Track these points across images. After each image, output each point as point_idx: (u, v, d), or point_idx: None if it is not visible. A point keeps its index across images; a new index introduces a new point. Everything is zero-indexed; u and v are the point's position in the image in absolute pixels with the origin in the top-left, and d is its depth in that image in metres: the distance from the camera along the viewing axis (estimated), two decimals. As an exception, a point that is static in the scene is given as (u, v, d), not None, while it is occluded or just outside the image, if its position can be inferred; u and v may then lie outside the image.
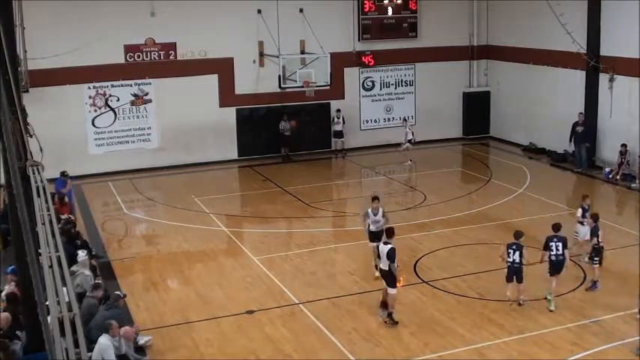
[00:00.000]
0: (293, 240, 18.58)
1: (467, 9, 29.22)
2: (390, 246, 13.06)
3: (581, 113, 24.15)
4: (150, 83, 25.44)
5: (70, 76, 24.11)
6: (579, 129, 23.94)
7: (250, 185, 24.11)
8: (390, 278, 13.12)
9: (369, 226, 15.47)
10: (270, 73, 25.67)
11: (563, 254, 13.52)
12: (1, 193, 16.51)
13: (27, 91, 21.15)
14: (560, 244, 13.53)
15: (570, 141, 24.35)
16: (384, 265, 13.13)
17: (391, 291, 13.15)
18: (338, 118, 27.18)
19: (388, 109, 28.81)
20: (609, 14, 23.39)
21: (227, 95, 26.43)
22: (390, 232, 13.47)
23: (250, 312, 13.92)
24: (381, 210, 15.49)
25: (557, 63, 25.77)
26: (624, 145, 22.52)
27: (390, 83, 28.73)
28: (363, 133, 28.41)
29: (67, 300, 6.20)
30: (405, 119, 26.94)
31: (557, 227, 13.91)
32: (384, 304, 13.31)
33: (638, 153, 22.14)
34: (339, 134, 27.24)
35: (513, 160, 26.42)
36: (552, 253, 13.54)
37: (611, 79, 23.45)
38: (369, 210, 15.52)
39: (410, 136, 25.92)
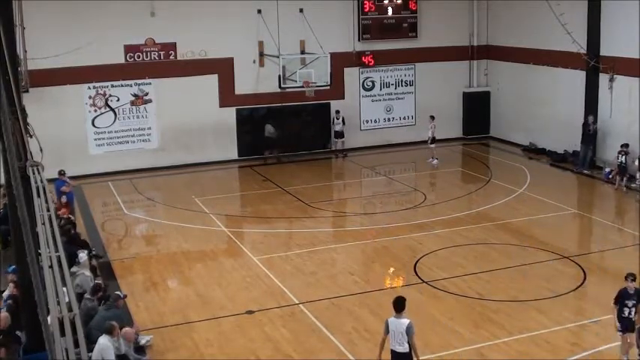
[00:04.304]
0: (293, 240, 18.56)
1: (467, 9, 29.20)
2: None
3: (591, 115, 23.95)
4: (150, 83, 25.43)
5: (70, 76, 24.10)
6: (591, 128, 23.67)
7: (250, 185, 24.10)
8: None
9: (383, 341, 10.50)
10: (270, 73, 25.66)
11: None
12: (0, 193, 16.52)
13: (27, 91, 21.12)
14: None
15: (582, 142, 24.16)
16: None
17: None
18: (337, 119, 27.17)
19: (388, 109, 28.80)
20: (609, 14, 23.38)
21: (227, 95, 26.42)
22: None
23: (250, 312, 13.92)
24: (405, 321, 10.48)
25: (557, 63, 25.74)
26: (624, 145, 22.49)
27: (390, 83, 28.71)
28: (363, 133, 28.38)
29: (67, 300, 6.21)
30: (432, 116, 26.37)
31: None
32: None
33: (638, 153, 22.11)
34: (340, 134, 27.24)
35: (513, 160, 26.40)
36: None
37: (611, 79, 23.43)
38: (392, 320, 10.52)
39: (429, 134, 26.04)
